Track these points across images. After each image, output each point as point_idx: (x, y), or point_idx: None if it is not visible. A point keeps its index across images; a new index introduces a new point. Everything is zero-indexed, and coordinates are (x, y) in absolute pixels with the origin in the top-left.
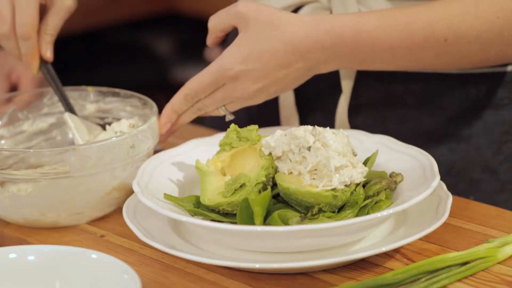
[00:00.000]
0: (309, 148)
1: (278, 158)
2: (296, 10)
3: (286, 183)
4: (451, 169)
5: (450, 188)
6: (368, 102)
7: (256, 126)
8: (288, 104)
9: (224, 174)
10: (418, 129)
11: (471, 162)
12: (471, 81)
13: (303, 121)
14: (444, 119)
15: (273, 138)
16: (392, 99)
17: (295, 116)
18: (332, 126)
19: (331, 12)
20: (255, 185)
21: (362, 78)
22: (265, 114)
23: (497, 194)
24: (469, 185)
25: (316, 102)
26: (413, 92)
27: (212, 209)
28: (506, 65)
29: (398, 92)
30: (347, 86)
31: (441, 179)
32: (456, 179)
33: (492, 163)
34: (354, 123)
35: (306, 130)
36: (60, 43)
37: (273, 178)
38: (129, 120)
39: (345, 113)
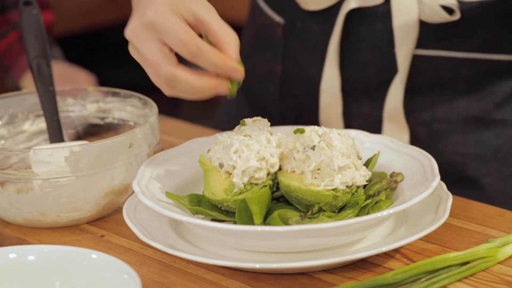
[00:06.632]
0: (313, 148)
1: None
2: None
3: (288, 180)
4: (497, 154)
5: (495, 173)
6: (417, 87)
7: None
8: (331, 91)
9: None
10: (466, 114)
11: None
12: None
13: (346, 109)
14: (491, 105)
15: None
16: (441, 84)
17: (338, 104)
18: (379, 113)
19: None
20: (262, 187)
21: (413, 63)
22: (303, 101)
23: None
24: None
25: (363, 88)
26: (462, 78)
27: (214, 206)
28: None
29: (447, 78)
30: (403, 66)
31: (487, 164)
32: (502, 163)
33: None
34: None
35: (313, 130)
36: (60, 43)
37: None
38: None
39: (400, 96)
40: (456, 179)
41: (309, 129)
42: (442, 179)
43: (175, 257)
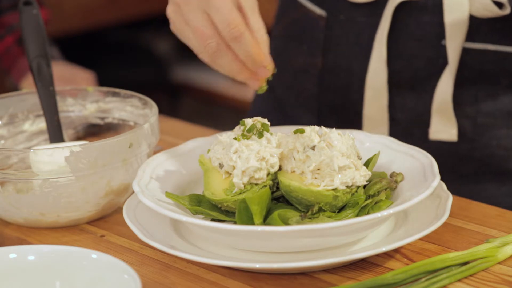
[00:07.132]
0: (313, 148)
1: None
2: None
3: (288, 180)
4: None
5: None
6: (462, 80)
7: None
8: (377, 83)
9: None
10: (510, 108)
11: None
12: None
13: (391, 102)
14: None
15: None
16: (486, 78)
17: (384, 97)
18: (425, 106)
19: None
20: (262, 187)
21: (460, 56)
22: (344, 95)
23: None
24: None
25: (409, 81)
26: (506, 72)
27: (214, 206)
28: None
29: (492, 72)
30: (453, 59)
31: None
32: None
33: None
34: None
35: (313, 130)
36: (60, 43)
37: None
38: None
39: (450, 89)
40: (499, 172)
41: (309, 129)
42: (482, 172)
43: (175, 257)
